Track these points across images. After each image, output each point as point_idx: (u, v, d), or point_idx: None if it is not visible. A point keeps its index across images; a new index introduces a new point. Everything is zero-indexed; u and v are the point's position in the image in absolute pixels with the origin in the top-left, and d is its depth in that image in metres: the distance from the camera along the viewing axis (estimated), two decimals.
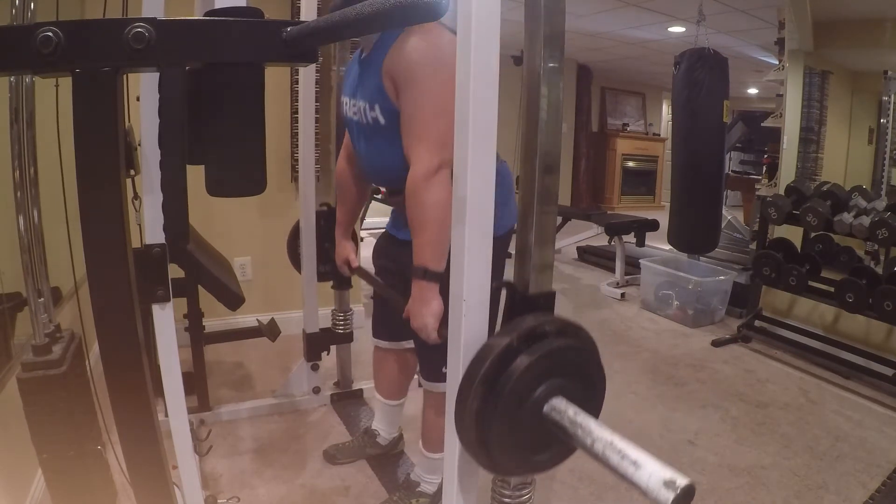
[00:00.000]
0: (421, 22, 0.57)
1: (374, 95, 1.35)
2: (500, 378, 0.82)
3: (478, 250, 0.90)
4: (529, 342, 0.84)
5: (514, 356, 0.83)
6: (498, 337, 0.86)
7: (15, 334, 1.50)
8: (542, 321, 0.87)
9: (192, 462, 1.32)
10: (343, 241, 1.80)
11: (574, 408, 0.82)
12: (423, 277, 1.27)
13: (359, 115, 1.42)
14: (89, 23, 0.65)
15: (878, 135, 3.52)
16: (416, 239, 1.28)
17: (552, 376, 0.85)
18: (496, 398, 0.82)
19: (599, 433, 0.77)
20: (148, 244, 1.18)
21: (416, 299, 1.30)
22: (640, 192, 8.50)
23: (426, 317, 1.28)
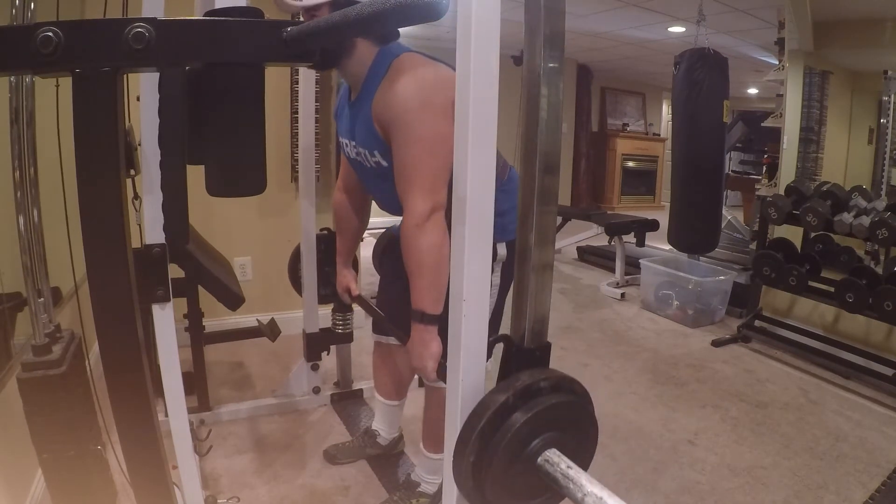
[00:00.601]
0: (421, 22, 0.57)
1: (370, 142, 1.35)
2: (497, 434, 0.85)
3: (478, 250, 0.90)
4: (525, 398, 0.87)
5: (509, 413, 0.85)
6: (495, 394, 0.88)
7: (15, 334, 1.50)
8: (538, 378, 0.89)
9: (192, 462, 1.32)
10: (343, 270, 1.82)
11: (566, 461, 0.85)
12: (422, 321, 1.28)
13: (361, 159, 1.42)
14: (89, 23, 0.65)
15: (878, 135, 3.52)
16: (413, 284, 1.28)
17: (546, 430, 0.88)
18: (492, 452, 0.84)
19: (590, 488, 0.81)
20: (148, 244, 1.18)
21: (415, 342, 1.31)
22: (640, 192, 8.50)
23: (425, 359, 1.30)
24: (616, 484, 1.90)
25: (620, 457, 2.07)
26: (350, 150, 1.48)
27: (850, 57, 3.40)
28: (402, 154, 1.26)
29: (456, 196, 0.90)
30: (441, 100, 1.21)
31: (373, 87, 1.30)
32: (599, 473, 1.95)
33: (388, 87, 1.26)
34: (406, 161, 1.25)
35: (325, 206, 2.58)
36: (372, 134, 1.33)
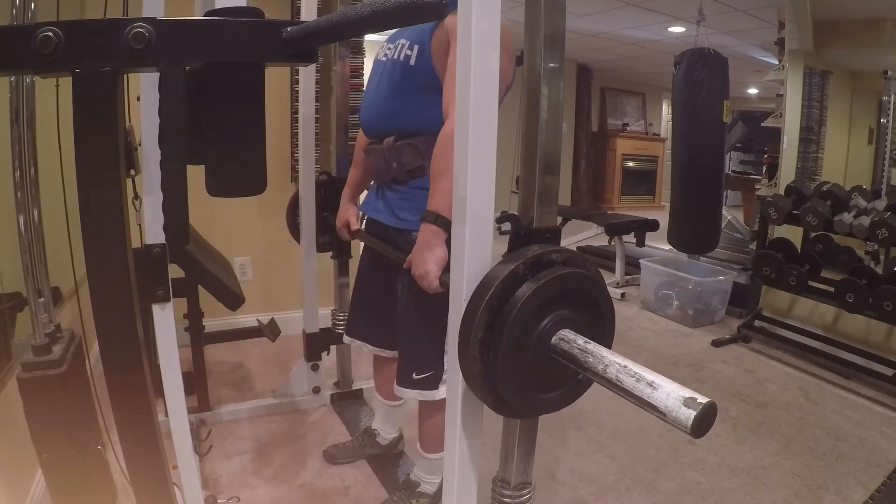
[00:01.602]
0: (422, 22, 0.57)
1: (419, 37, 1.36)
2: (506, 306, 0.78)
3: (478, 250, 0.90)
4: (536, 270, 0.81)
5: (519, 283, 0.79)
6: (502, 264, 0.82)
7: (15, 334, 1.50)
8: (549, 249, 0.84)
9: (192, 462, 1.32)
10: (346, 205, 1.79)
11: (583, 338, 0.79)
12: (434, 222, 1.25)
13: (392, 53, 1.43)
14: (89, 23, 0.65)
15: (878, 135, 3.52)
16: (434, 185, 1.27)
17: (560, 307, 0.81)
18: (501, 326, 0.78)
19: (612, 358, 0.74)
20: (148, 244, 1.18)
21: (421, 245, 1.27)
22: (640, 192, 8.50)
23: (429, 263, 1.25)
24: (616, 484, 1.90)
25: (620, 457, 2.07)
26: (382, 51, 1.48)
27: (850, 57, 3.40)
28: None
29: (456, 196, 0.90)
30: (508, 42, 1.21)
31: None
32: (599, 473, 1.95)
33: None
34: None
35: None
36: (427, 32, 1.34)
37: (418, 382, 1.52)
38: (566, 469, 1.96)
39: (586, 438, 2.17)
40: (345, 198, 1.80)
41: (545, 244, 0.89)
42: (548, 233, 0.92)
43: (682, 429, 0.65)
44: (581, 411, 2.31)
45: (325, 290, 2.31)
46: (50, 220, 1.30)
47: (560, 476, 1.93)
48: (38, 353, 1.19)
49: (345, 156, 2.16)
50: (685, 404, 0.65)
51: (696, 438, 0.64)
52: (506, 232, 0.93)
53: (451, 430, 0.98)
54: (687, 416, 0.64)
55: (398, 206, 1.47)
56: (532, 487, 1.03)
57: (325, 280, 2.26)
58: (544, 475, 1.92)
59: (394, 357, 1.80)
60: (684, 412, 0.64)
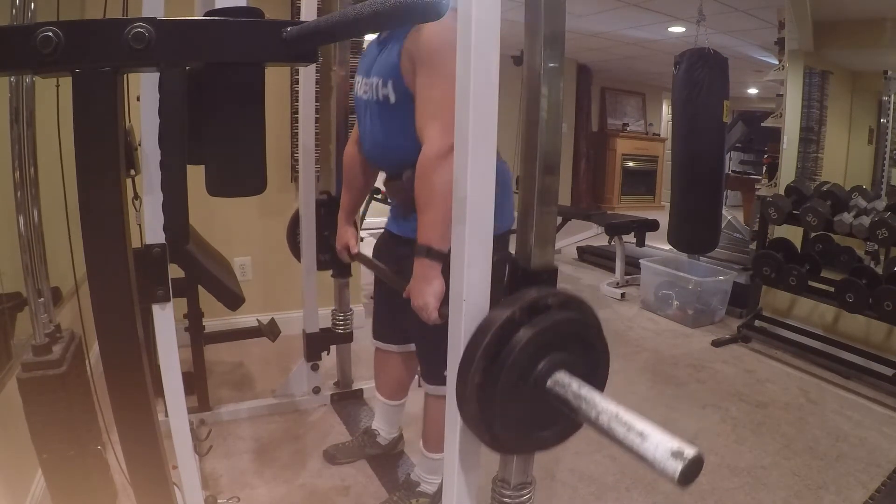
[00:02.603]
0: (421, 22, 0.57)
1: (388, 72, 1.36)
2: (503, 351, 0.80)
3: (478, 250, 0.90)
4: (532, 315, 0.83)
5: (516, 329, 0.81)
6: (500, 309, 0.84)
7: (15, 334, 1.50)
8: (545, 293, 0.85)
9: (192, 462, 1.32)
10: (345, 227, 1.80)
11: (578, 381, 0.81)
12: (427, 256, 1.26)
13: (370, 93, 1.43)
14: (89, 23, 0.65)
15: (878, 135, 3.52)
16: (421, 217, 1.27)
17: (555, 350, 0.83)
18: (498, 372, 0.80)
19: (604, 405, 0.76)
20: (148, 244, 1.18)
21: (418, 278, 1.28)
22: (640, 192, 8.50)
23: (427, 296, 1.27)
24: (616, 484, 1.90)
25: (620, 457, 2.07)
26: (361, 87, 1.48)
27: (850, 57, 3.39)
28: (430, 88, 1.26)
29: (456, 196, 0.90)
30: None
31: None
32: (599, 473, 1.95)
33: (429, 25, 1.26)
34: (433, 95, 1.26)
35: None
36: (394, 65, 1.34)
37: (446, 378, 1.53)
38: (566, 469, 1.96)
39: (586, 438, 2.17)
40: (342, 221, 1.81)
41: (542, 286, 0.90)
42: (545, 273, 0.93)
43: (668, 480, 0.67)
44: None
45: (325, 290, 2.31)
46: (50, 220, 1.30)
47: (560, 476, 1.93)
48: (38, 353, 1.19)
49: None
50: (673, 456, 0.67)
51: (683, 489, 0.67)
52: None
53: (451, 430, 0.98)
54: (674, 469, 0.66)
55: None
56: (532, 487, 1.03)
57: (325, 280, 2.26)
58: (544, 475, 1.92)
59: (399, 353, 1.81)
60: (671, 464, 0.66)
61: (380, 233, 1.78)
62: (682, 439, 0.68)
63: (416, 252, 1.28)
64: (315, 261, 2.16)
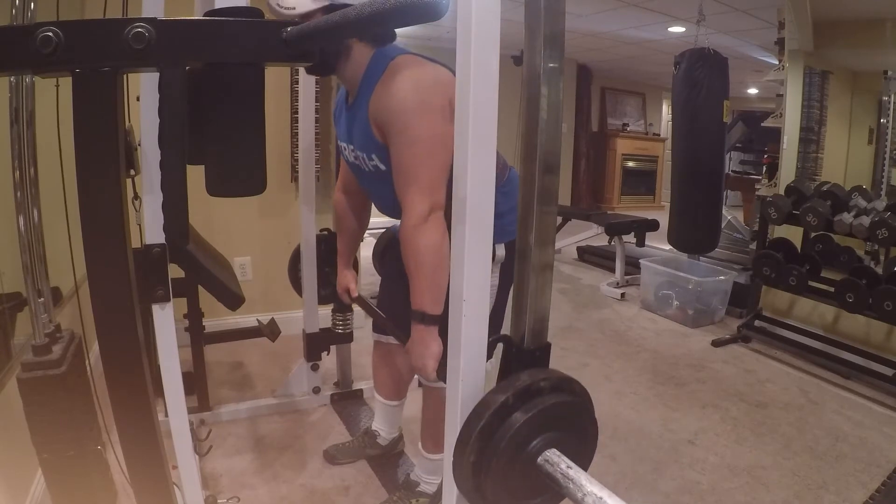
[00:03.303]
0: (421, 22, 0.57)
1: (368, 145, 1.35)
2: (497, 434, 0.85)
3: (478, 250, 0.90)
4: (525, 399, 0.87)
5: (509, 413, 0.86)
6: (495, 393, 0.88)
7: (15, 334, 1.50)
8: (538, 378, 0.89)
9: (192, 462, 1.32)
10: (344, 271, 1.82)
11: (566, 461, 0.85)
12: (422, 321, 1.27)
13: (359, 163, 1.42)
14: (89, 23, 0.65)
15: (878, 135, 3.52)
16: (412, 284, 1.27)
17: (546, 430, 0.88)
18: (492, 452, 0.85)
19: (590, 488, 0.81)
20: (148, 244, 1.18)
21: (415, 342, 1.31)
22: (640, 192, 8.50)
23: (426, 359, 1.30)
24: (616, 484, 1.90)
25: (620, 457, 2.07)
26: (349, 154, 1.47)
27: (850, 57, 3.39)
28: (400, 155, 1.25)
29: (456, 196, 0.90)
30: (438, 100, 1.21)
31: (369, 90, 1.29)
32: (599, 473, 1.95)
33: (385, 89, 1.25)
34: (404, 162, 1.25)
35: (325, 206, 2.58)
36: (369, 137, 1.32)
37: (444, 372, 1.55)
38: None
39: None
40: (341, 265, 1.82)
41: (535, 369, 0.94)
42: (538, 351, 0.97)
43: None
44: None
45: None
46: (50, 220, 1.30)
47: None
48: (38, 353, 1.19)
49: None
50: None
51: None
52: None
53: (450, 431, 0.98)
54: None
55: None
56: None
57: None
58: None
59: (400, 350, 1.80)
60: None
61: (380, 232, 1.78)
62: None
63: (411, 316, 1.30)
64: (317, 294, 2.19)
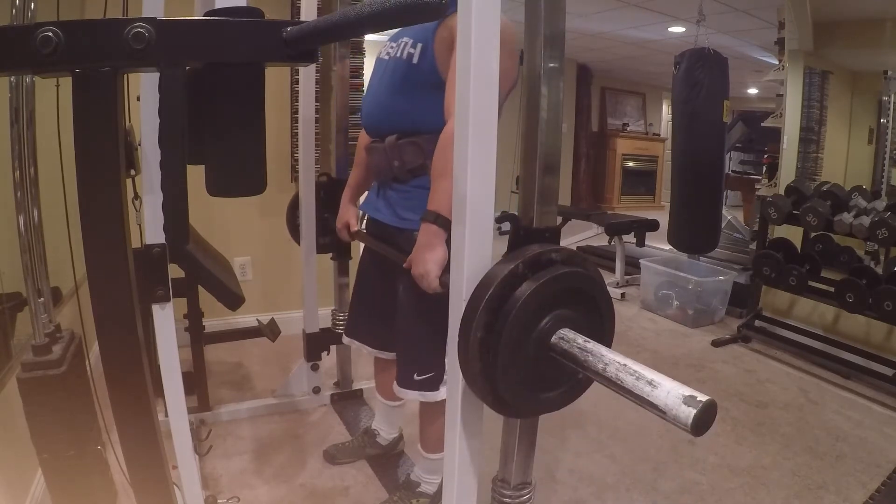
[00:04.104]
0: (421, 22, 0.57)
1: (423, 34, 1.36)
2: (505, 305, 0.79)
3: (478, 250, 0.90)
4: (535, 269, 0.81)
5: (519, 282, 0.80)
6: (502, 263, 0.82)
7: (15, 334, 1.50)
8: (548, 248, 0.85)
9: (192, 462, 1.32)
10: (347, 205, 1.78)
11: (583, 337, 0.80)
12: (435, 222, 1.25)
13: (395, 51, 1.43)
14: (89, 23, 0.65)
15: (878, 135, 3.52)
16: (435, 185, 1.27)
17: (559, 306, 0.82)
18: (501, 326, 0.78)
19: (611, 356, 0.74)
20: (148, 244, 1.18)
21: (421, 245, 1.27)
22: (640, 192, 8.50)
23: (429, 263, 1.25)
24: (616, 484, 1.90)
25: (620, 457, 2.07)
26: (385, 50, 1.48)
27: (850, 57, 3.40)
28: None
29: (456, 196, 0.90)
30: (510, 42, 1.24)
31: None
32: (600, 473, 1.95)
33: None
34: None
35: None
36: (431, 30, 1.34)
37: (419, 383, 1.52)
38: (566, 469, 1.96)
39: (586, 438, 2.17)
40: (345, 198, 1.79)
41: (545, 243, 0.89)
42: (547, 232, 0.92)
43: (682, 427, 0.65)
44: (581, 411, 2.30)
45: (325, 290, 2.31)
46: (50, 220, 1.30)
47: (560, 476, 1.93)
48: (38, 353, 1.19)
49: (345, 156, 2.16)
50: (685, 402, 0.65)
51: (697, 437, 0.64)
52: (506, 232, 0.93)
53: (451, 431, 0.98)
54: (687, 415, 0.64)
55: (399, 206, 1.46)
56: (532, 487, 1.03)
57: (325, 280, 2.26)
58: (544, 475, 1.92)
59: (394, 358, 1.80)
60: (684, 410, 0.64)
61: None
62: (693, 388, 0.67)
63: (423, 217, 1.27)
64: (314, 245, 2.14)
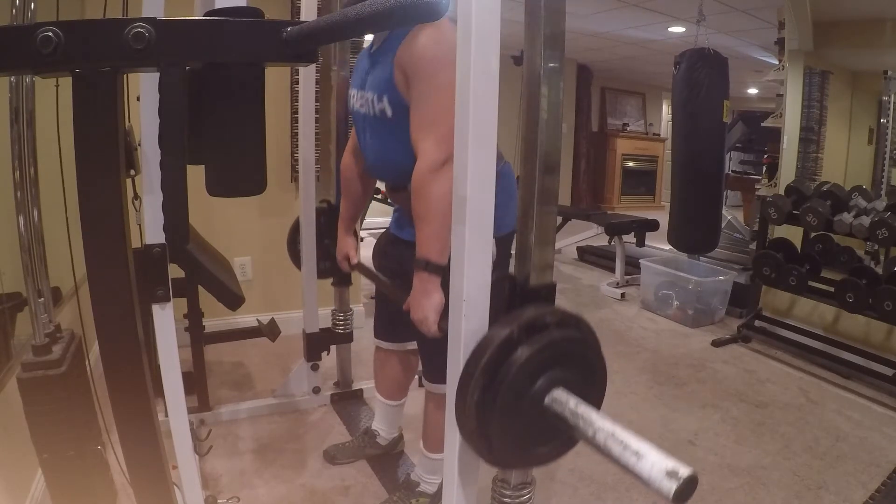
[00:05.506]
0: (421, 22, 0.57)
1: (383, 86, 1.35)
2: (501, 369, 0.81)
3: (478, 250, 0.90)
4: (530, 333, 0.83)
5: (514, 347, 0.82)
6: (498, 328, 0.85)
7: (15, 334, 1.50)
8: (543, 312, 0.86)
9: (192, 462, 1.32)
10: (345, 237, 1.80)
11: (575, 399, 0.82)
12: (426, 269, 1.26)
13: (366, 107, 1.42)
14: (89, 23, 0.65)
15: (878, 135, 3.52)
16: (419, 231, 1.27)
17: (553, 367, 0.84)
18: (496, 389, 0.81)
19: (601, 424, 0.77)
20: (148, 244, 1.18)
21: (417, 291, 1.29)
22: (640, 192, 8.50)
23: (427, 309, 1.27)
24: (616, 484, 1.90)
25: None
26: (356, 101, 1.47)
27: (850, 57, 3.39)
28: (424, 102, 1.26)
29: (456, 196, 0.90)
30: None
31: (400, 37, 1.31)
32: (599, 472, 1.95)
33: (418, 36, 1.27)
34: (427, 108, 1.26)
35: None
36: (388, 80, 1.33)
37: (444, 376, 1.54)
38: (566, 469, 1.96)
39: None
40: (341, 230, 1.80)
41: (540, 305, 0.90)
42: (543, 290, 0.93)
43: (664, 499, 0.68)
44: None
45: (325, 290, 2.31)
46: (50, 220, 1.30)
47: (560, 476, 1.93)
48: (38, 353, 1.19)
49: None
50: (668, 476, 0.68)
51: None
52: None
53: (451, 431, 0.98)
54: (669, 489, 0.67)
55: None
56: (532, 487, 1.03)
57: (325, 280, 2.26)
58: (544, 475, 1.92)
59: (398, 351, 1.81)
60: (666, 484, 0.67)
61: (380, 232, 1.78)
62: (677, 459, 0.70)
63: (414, 265, 1.28)
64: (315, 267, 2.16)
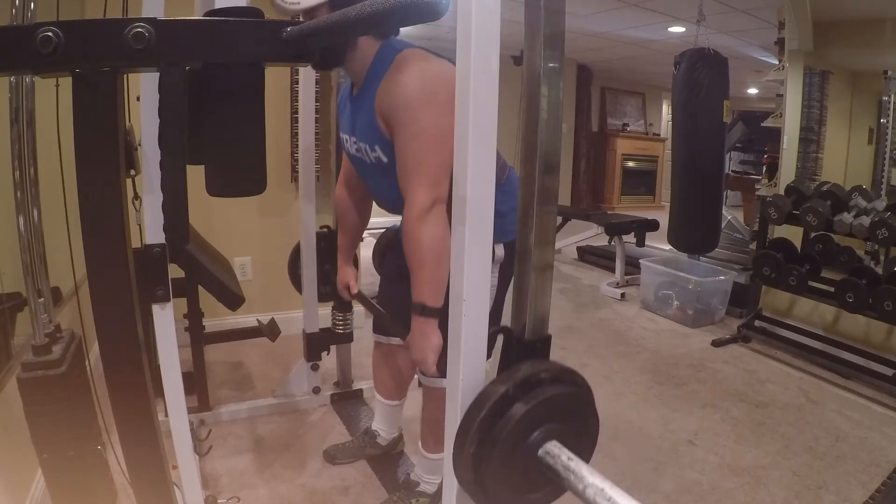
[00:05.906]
0: (421, 22, 0.57)
1: (371, 136, 1.35)
2: (496, 425, 0.85)
3: (478, 250, 0.90)
4: (525, 390, 0.86)
5: (510, 404, 0.85)
6: (495, 384, 0.88)
7: (15, 334, 1.50)
8: (538, 369, 0.89)
9: (192, 462, 1.32)
10: (344, 267, 1.82)
11: (567, 453, 0.85)
12: (422, 314, 1.27)
13: (361, 154, 1.42)
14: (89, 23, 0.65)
15: (878, 135, 3.52)
16: (413, 276, 1.27)
17: (547, 422, 0.87)
18: (492, 444, 0.84)
19: (591, 479, 0.81)
20: (148, 244, 1.18)
21: (415, 335, 1.31)
22: (640, 192, 8.50)
23: (426, 351, 1.30)
24: (616, 484, 1.89)
25: (620, 457, 2.07)
26: (350, 146, 1.47)
27: (850, 57, 3.39)
28: (406, 147, 1.26)
29: (456, 196, 0.90)
30: (445, 94, 1.21)
31: (375, 82, 1.30)
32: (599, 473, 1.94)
33: (392, 81, 1.26)
34: (409, 154, 1.25)
35: (324, 206, 2.58)
36: (373, 128, 1.32)
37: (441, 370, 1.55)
38: None
39: None
40: (341, 261, 1.82)
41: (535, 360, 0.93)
42: (539, 343, 0.96)
43: None
44: None
45: None
46: (50, 220, 1.30)
47: None
48: (38, 353, 1.19)
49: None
50: None
51: None
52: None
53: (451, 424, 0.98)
54: None
55: None
56: None
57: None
58: None
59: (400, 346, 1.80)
60: None
61: (381, 232, 1.78)
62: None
63: (411, 309, 1.29)
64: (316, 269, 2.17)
